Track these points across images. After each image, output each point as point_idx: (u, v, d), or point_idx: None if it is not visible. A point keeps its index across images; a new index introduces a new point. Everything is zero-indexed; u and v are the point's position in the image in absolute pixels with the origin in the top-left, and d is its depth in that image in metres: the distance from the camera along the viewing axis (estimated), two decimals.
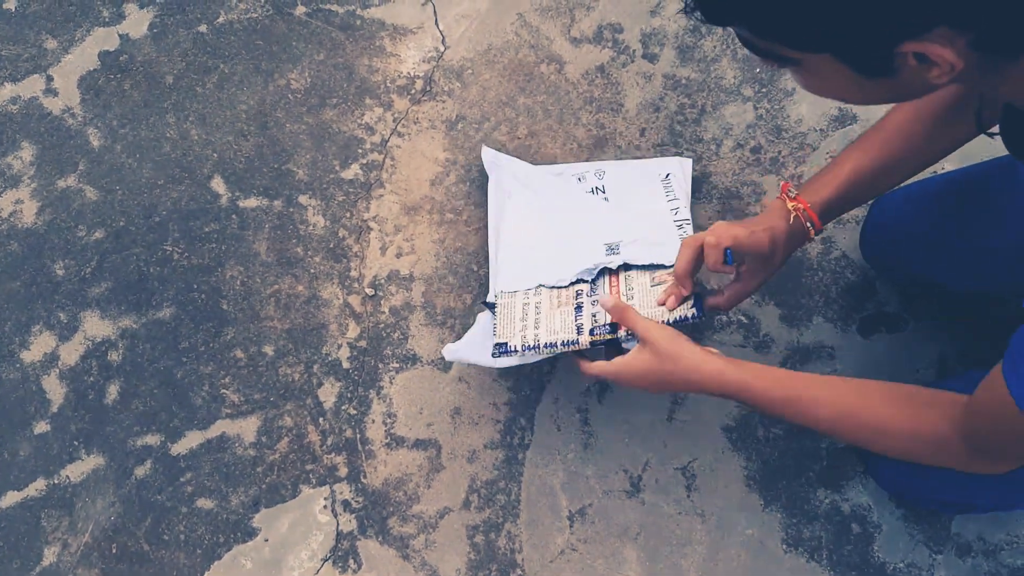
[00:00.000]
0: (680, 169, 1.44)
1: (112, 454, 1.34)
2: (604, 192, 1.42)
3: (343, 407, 1.36)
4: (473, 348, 1.27)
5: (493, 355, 1.20)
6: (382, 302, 1.41)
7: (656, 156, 1.49)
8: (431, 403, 1.37)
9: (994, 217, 1.18)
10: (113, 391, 1.37)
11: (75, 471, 1.34)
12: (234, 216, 1.46)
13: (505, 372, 1.37)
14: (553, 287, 1.28)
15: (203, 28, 1.58)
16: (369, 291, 1.42)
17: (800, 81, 0.81)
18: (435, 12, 1.59)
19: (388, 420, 1.36)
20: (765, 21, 0.72)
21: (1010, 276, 1.21)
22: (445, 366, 1.38)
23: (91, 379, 1.38)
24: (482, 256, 1.43)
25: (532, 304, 1.26)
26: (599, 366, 1.13)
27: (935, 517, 1.32)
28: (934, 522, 1.31)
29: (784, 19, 0.71)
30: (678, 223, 1.35)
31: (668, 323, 1.15)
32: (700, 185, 1.47)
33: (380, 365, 1.38)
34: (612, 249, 1.31)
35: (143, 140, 1.50)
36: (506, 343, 1.20)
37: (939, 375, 1.37)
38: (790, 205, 1.12)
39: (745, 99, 1.53)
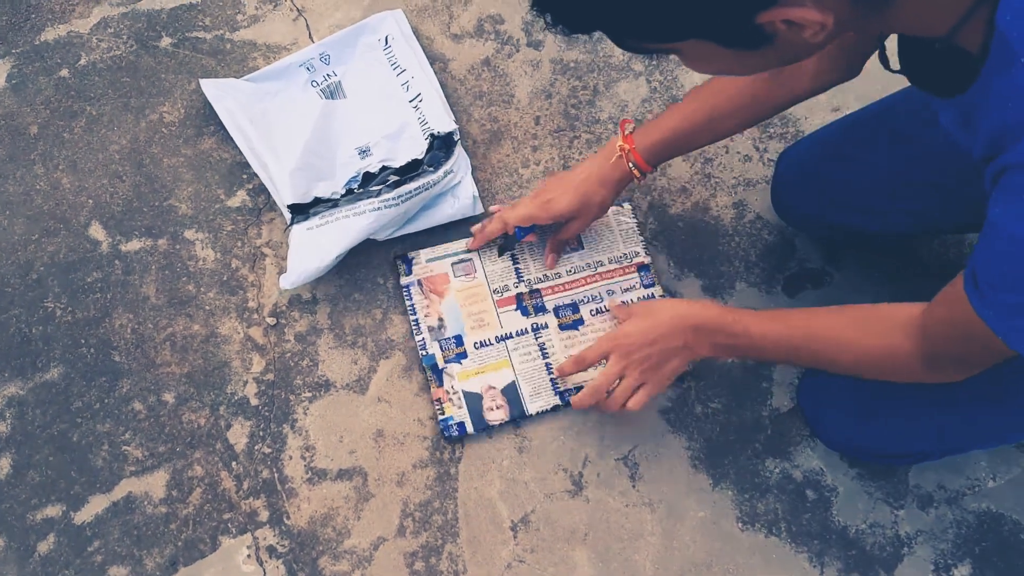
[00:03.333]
0: (398, 27, 1.48)
1: (10, 533, 1.23)
2: (337, 76, 1.46)
3: (256, 447, 1.27)
4: (305, 263, 1.29)
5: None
6: (286, 330, 1.33)
7: (549, 137, 1.44)
8: (351, 429, 1.28)
9: (904, 152, 1.15)
10: (4, 465, 1.26)
11: None
12: (117, 262, 1.36)
13: (427, 385, 1.29)
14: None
15: (65, 72, 1.49)
16: (271, 320, 1.33)
17: (686, 64, 0.80)
18: (308, 26, 1.52)
19: (307, 454, 1.27)
20: (622, 24, 0.71)
21: (927, 210, 1.18)
22: (361, 388, 1.29)
23: None
24: (386, 267, 1.36)
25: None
26: (596, 347, 1.18)
27: (891, 472, 1.26)
28: (891, 477, 1.26)
29: (637, 19, 0.69)
30: (413, 103, 1.42)
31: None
32: None
33: (291, 397, 1.29)
34: (365, 152, 1.40)
35: (11, 196, 1.40)
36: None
37: None
38: (619, 143, 1.20)
39: (637, 74, 1.48)
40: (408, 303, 1.32)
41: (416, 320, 1.31)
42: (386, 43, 1.46)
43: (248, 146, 1.40)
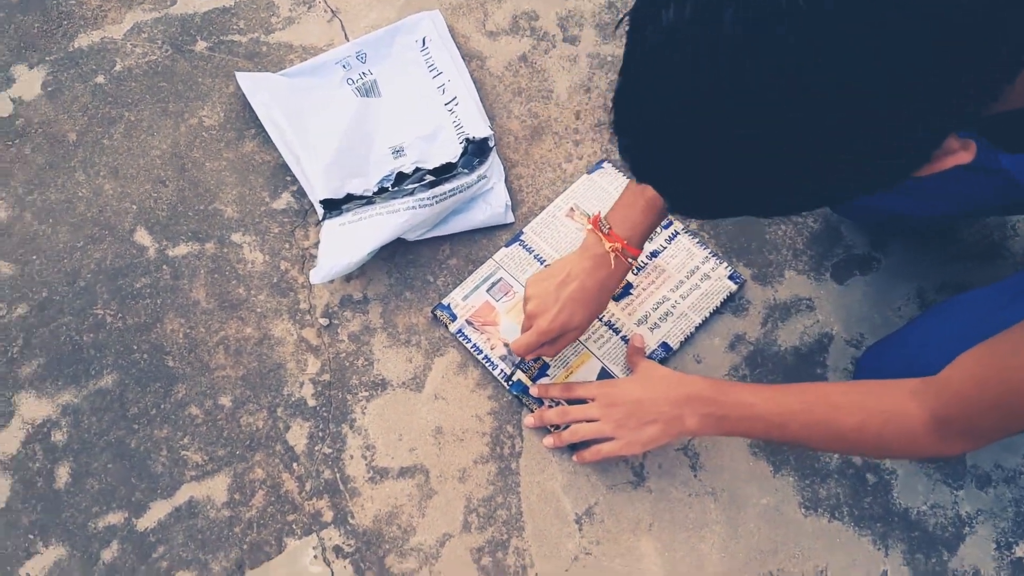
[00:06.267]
0: (435, 29, 1.48)
1: (73, 541, 1.22)
2: (373, 75, 1.46)
3: (317, 448, 1.27)
4: (336, 258, 1.28)
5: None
6: (339, 330, 1.32)
7: (591, 131, 1.44)
8: (409, 427, 1.28)
9: None
10: (63, 473, 1.25)
11: (36, 567, 1.21)
12: (165, 267, 1.36)
13: (483, 381, 1.29)
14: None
15: (101, 79, 1.48)
16: (323, 321, 1.33)
17: None
18: (343, 27, 1.52)
19: (367, 453, 1.26)
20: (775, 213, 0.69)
21: (976, 192, 1.19)
22: (418, 386, 1.29)
23: (37, 465, 1.26)
24: (435, 265, 1.36)
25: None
26: (588, 387, 1.21)
27: None
28: (948, 458, 1.27)
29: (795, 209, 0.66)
30: (448, 106, 1.42)
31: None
32: None
33: (348, 397, 1.29)
34: (398, 152, 1.40)
35: (54, 204, 1.39)
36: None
37: (921, 308, 1.33)
38: (607, 246, 1.13)
39: None
40: (469, 345, 1.30)
41: (486, 356, 1.30)
42: (423, 44, 1.46)
43: (282, 140, 1.40)
